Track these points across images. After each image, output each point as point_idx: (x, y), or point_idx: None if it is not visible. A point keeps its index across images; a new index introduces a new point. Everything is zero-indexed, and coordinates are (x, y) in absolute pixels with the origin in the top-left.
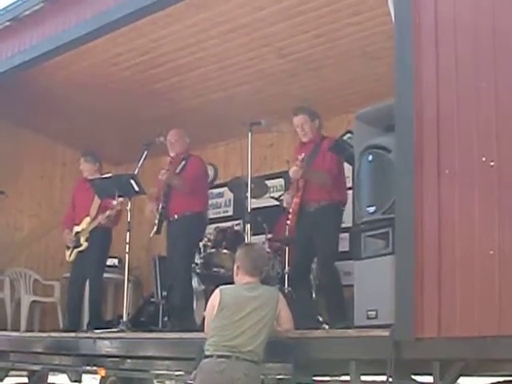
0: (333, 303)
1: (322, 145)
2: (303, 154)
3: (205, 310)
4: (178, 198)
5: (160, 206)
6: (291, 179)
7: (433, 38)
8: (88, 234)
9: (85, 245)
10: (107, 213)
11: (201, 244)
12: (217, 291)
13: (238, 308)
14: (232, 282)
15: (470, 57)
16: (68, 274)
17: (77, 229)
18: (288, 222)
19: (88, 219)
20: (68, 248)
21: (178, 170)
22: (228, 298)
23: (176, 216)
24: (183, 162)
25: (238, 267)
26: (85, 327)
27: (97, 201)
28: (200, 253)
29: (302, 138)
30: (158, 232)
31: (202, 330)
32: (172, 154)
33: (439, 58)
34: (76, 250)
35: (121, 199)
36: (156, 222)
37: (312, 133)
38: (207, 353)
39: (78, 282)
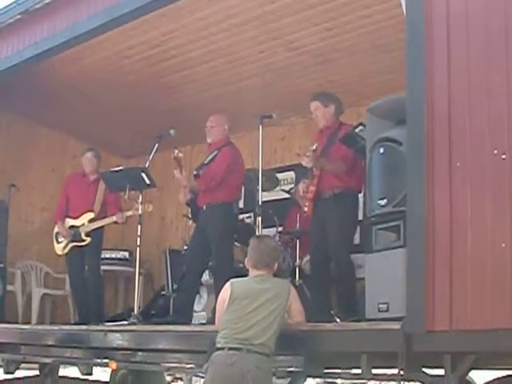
0: (344, 295)
1: (339, 132)
2: (315, 145)
3: (216, 303)
4: (204, 188)
5: (189, 197)
6: (310, 168)
7: (444, 30)
8: (91, 229)
9: (88, 240)
10: (129, 212)
11: None
12: (227, 284)
13: (248, 301)
14: (243, 275)
15: (482, 49)
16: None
17: (73, 222)
18: (305, 210)
19: (91, 215)
20: (58, 240)
21: (206, 161)
22: (239, 291)
23: (204, 206)
24: (215, 152)
25: (247, 260)
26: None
27: (99, 198)
28: None
29: (318, 124)
30: (194, 220)
31: (212, 322)
32: (208, 141)
33: (451, 50)
34: (72, 244)
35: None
36: (189, 210)
37: (325, 119)
38: (218, 345)
39: (80, 276)
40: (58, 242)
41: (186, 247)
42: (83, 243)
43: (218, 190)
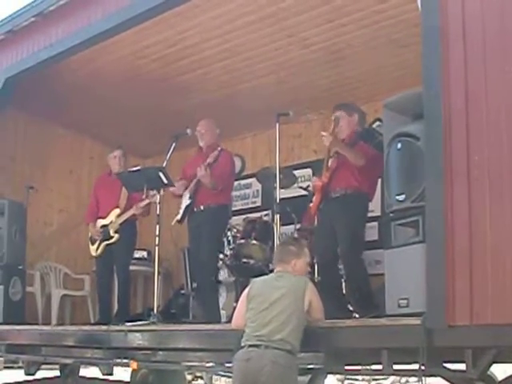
0: (358, 293)
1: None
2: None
3: (235, 301)
4: (207, 190)
5: (188, 197)
6: (327, 157)
7: (460, 24)
8: (118, 225)
9: (116, 236)
10: (144, 202)
11: (229, 235)
12: (250, 283)
13: (263, 298)
14: (262, 273)
15: (498, 42)
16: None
17: (103, 222)
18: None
19: (117, 211)
20: (93, 242)
21: (211, 161)
22: (255, 289)
23: (202, 207)
24: (216, 153)
25: None
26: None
27: (125, 193)
28: (229, 244)
29: (341, 135)
30: (181, 221)
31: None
32: (201, 144)
33: (466, 43)
34: (104, 243)
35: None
36: (181, 211)
37: (349, 128)
38: (242, 343)
39: (107, 274)
40: (93, 244)
41: None
42: (112, 240)
43: (219, 192)
